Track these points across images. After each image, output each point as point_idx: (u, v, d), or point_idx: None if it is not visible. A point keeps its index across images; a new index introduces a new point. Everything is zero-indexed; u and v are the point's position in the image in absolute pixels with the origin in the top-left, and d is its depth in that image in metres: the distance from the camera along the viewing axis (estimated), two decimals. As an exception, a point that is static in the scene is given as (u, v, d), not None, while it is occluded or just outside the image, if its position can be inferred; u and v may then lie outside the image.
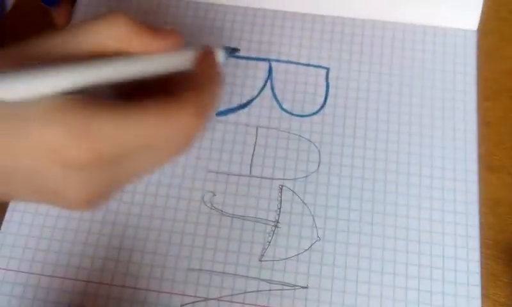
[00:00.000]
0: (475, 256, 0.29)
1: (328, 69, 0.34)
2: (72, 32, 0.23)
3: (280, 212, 0.30)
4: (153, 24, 0.24)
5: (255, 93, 0.33)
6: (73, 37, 0.23)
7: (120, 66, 0.24)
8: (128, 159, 0.24)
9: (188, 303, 0.28)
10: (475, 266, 0.29)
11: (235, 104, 0.33)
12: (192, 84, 0.24)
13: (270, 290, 0.28)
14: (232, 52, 0.28)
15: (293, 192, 0.31)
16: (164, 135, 0.23)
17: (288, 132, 0.32)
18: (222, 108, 0.33)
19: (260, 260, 0.29)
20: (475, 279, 0.29)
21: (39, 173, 0.22)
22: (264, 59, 0.34)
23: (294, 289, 0.28)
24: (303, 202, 0.30)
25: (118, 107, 0.22)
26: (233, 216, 0.30)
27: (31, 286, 0.29)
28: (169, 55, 0.25)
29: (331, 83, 0.34)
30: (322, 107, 0.33)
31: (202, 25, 0.36)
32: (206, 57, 0.26)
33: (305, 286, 0.29)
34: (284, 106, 0.33)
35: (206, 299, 0.28)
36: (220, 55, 0.27)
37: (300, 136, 0.32)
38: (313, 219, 0.30)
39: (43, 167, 0.22)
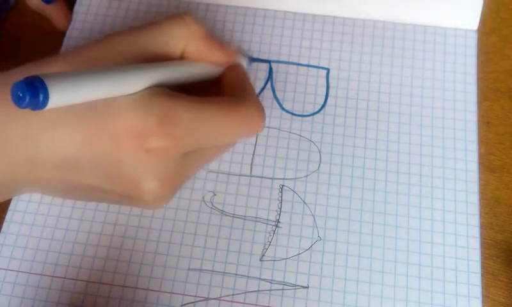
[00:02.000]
0: (475, 255, 0.29)
1: (328, 69, 0.34)
2: (146, 32, 0.25)
3: (280, 211, 0.30)
4: (218, 37, 0.28)
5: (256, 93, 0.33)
6: (147, 36, 0.25)
7: (186, 69, 0.26)
8: (197, 151, 0.26)
9: (189, 303, 0.28)
10: (475, 265, 0.29)
11: (235, 104, 0.33)
12: (245, 87, 0.27)
13: (271, 290, 0.29)
14: (252, 61, 0.33)
15: (294, 191, 0.31)
16: (232, 128, 0.25)
17: (289, 132, 0.32)
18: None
19: (261, 260, 0.29)
20: (476, 278, 0.29)
21: (118, 161, 0.23)
22: (264, 60, 0.34)
23: (295, 289, 0.29)
24: (304, 202, 0.31)
25: (196, 100, 0.24)
26: (233, 216, 0.30)
27: (31, 287, 0.29)
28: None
29: (332, 83, 0.34)
30: (323, 107, 0.33)
31: (202, 25, 0.36)
32: (239, 67, 0.29)
33: (306, 285, 0.29)
34: (285, 106, 0.33)
35: (207, 299, 0.28)
36: (244, 63, 0.30)
37: (301, 136, 0.32)
38: (314, 219, 0.30)
39: (126, 153, 0.23)
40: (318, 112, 0.33)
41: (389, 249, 0.29)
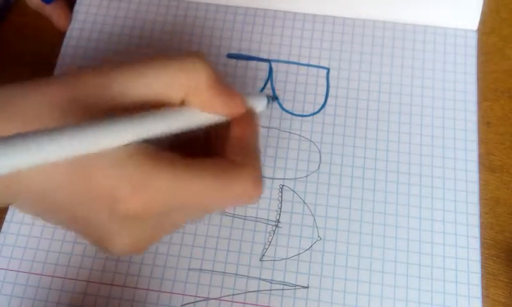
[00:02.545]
0: (475, 255, 0.29)
1: (328, 69, 0.34)
2: (149, 70, 0.23)
3: (280, 211, 0.30)
4: (225, 85, 0.24)
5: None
6: (149, 77, 0.23)
7: (183, 120, 0.23)
8: (176, 212, 0.24)
9: (189, 303, 0.28)
10: (475, 265, 0.29)
11: (235, 104, 0.33)
12: (246, 148, 0.24)
13: (271, 290, 0.28)
14: (273, 100, 0.30)
15: (294, 191, 0.31)
16: (218, 199, 0.23)
17: (289, 132, 0.32)
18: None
19: (261, 260, 0.29)
20: (476, 278, 0.29)
21: (91, 219, 0.22)
22: (264, 60, 0.34)
23: (295, 289, 0.29)
24: (304, 202, 0.31)
25: (177, 163, 0.22)
26: (234, 216, 0.30)
27: (31, 287, 0.29)
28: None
29: (332, 83, 0.34)
30: (323, 107, 0.33)
31: (202, 25, 0.36)
32: (250, 116, 0.26)
33: (306, 285, 0.29)
34: (285, 106, 0.33)
35: (207, 299, 0.28)
36: (263, 103, 0.27)
37: (301, 136, 0.32)
38: (314, 219, 0.30)
39: (97, 212, 0.22)
40: (318, 112, 0.33)
41: (389, 249, 0.29)
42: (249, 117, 0.26)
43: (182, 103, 0.24)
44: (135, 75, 0.23)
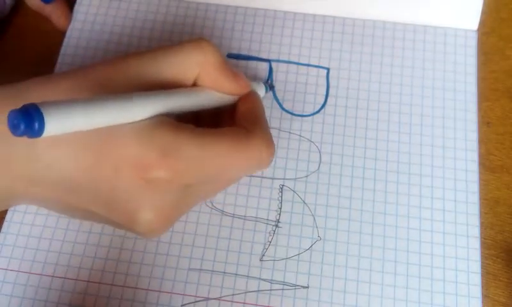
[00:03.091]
0: (475, 255, 0.29)
1: (328, 69, 0.34)
2: (160, 56, 0.24)
3: (280, 211, 0.30)
4: (231, 67, 0.27)
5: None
6: (161, 62, 0.24)
7: (197, 98, 0.25)
8: (200, 184, 0.25)
9: (189, 303, 0.28)
10: (475, 265, 0.29)
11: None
12: (256, 119, 0.26)
13: (271, 290, 0.29)
14: (270, 88, 0.32)
15: (294, 191, 0.31)
16: (238, 163, 0.24)
17: (289, 132, 0.32)
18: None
19: (261, 260, 0.29)
20: (476, 278, 0.29)
21: (116, 189, 0.23)
22: (264, 60, 0.34)
23: (295, 289, 0.29)
24: (304, 202, 0.31)
25: (201, 133, 0.23)
26: (233, 216, 0.30)
27: (31, 287, 0.29)
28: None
29: (332, 83, 0.34)
30: (323, 107, 0.33)
31: (202, 25, 0.36)
32: (255, 95, 0.28)
33: (306, 285, 0.29)
34: (285, 106, 0.33)
35: (207, 299, 0.28)
36: (262, 91, 0.30)
37: (301, 136, 0.32)
38: (314, 219, 0.30)
39: (124, 183, 0.23)
40: (318, 112, 0.33)
41: (389, 249, 0.29)
42: (254, 94, 0.28)
43: (194, 85, 0.25)
44: (150, 59, 0.24)
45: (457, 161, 0.31)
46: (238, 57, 0.35)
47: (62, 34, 0.36)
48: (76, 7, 0.36)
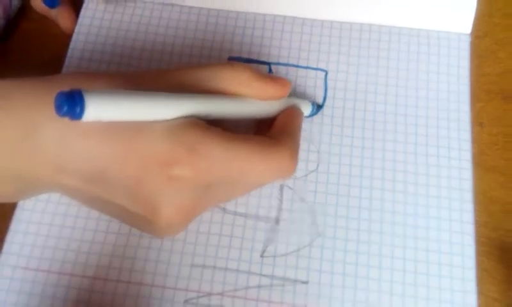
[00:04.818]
0: (470, 251, 0.30)
1: (326, 71, 0.35)
2: (200, 72, 0.26)
3: (280, 209, 0.31)
4: (268, 74, 0.28)
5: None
6: (201, 76, 0.25)
7: (236, 104, 0.26)
8: (220, 186, 0.25)
9: (192, 298, 0.29)
10: (470, 261, 0.30)
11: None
12: (287, 130, 0.27)
13: (271, 285, 0.29)
14: (318, 108, 0.33)
15: (293, 190, 0.31)
16: (263, 169, 0.25)
17: (289, 133, 0.33)
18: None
19: (262, 256, 0.30)
20: (471, 274, 0.29)
21: (142, 182, 0.23)
22: (264, 62, 0.35)
23: (295, 284, 0.29)
24: (303, 200, 0.31)
25: (227, 136, 0.24)
26: (235, 214, 0.31)
27: (39, 283, 0.29)
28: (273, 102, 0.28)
29: (330, 85, 0.35)
30: (321, 108, 0.34)
31: (204, 30, 0.36)
32: (295, 110, 0.29)
33: (305, 281, 0.29)
34: (284, 107, 0.34)
35: (209, 294, 0.29)
36: (307, 108, 0.31)
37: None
38: (313, 216, 0.31)
39: (149, 176, 0.23)
40: (316, 113, 0.34)
41: (386, 245, 0.30)
42: (294, 110, 0.29)
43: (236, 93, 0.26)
44: (190, 71, 0.25)
45: (451, 160, 0.32)
46: (239, 60, 0.35)
47: (68, 37, 0.36)
48: (82, 11, 0.37)
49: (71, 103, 0.20)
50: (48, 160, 0.24)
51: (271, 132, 0.27)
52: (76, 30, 0.36)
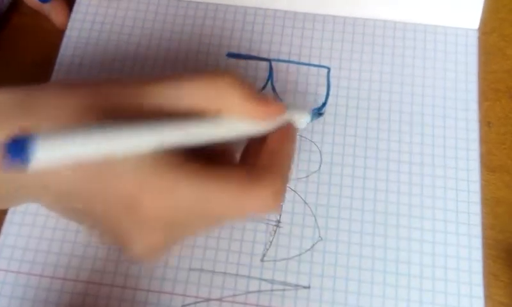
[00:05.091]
0: (477, 255, 0.29)
1: (329, 69, 0.34)
2: (176, 84, 0.23)
3: (281, 211, 0.30)
4: (260, 93, 0.24)
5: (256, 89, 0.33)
6: (176, 90, 0.23)
7: (213, 129, 0.23)
8: (194, 221, 0.24)
9: (190, 304, 0.28)
10: (477, 265, 0.29)
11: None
12: (276, 161, 0.24)
13: (272, 290, 0.28)
14: (318, 115, 0.31)
15: (294, 192, 0.31)
16: (238, 209, 0.23)
17: (290, 132, 0.32)
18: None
19: (262, 260, 0.29)
20: (478, 278, 0.29)
21: (110, 221, 0.23)
22: (264, 59, 0.34)
23: (296, 289, 0.29)
24: (305, 202, 0.31)
25: (201, 174, 0.22)
26: (234, 216, 0.30)
27: (31, 288, 0.28)
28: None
29: (333, 83, 0.34)
30: (324, 106, 0.33)
31: (202, 24, 0.36)
32: (290, 131, 0.25)
33: (307, 286, 0.29)
34: (285, 106, 0.33)
35: (207, 300, 0.28)
36: (306, 119, 0.27)
37: (301, 136, 0.32)
38: (315, 219, 0.30)
39: (117, 217, 0.22)
40: (316, 119, 0.33)
41: (391, 249, 0.29)
42: (288, 132, 0.25)
43: (217, 113, 0.23)
44: (170, 85, 0.23)
45: (459, 160, 0.31)
46: (238, 56, 0.35)
47: (61, 33, 0.35)
48: (75, 6, 0.36)
49: (15, 152, 0.18)
50: (31, 182, 0.22)
51: (260, 159, 0.24)
52: (69, 25, 0.36)
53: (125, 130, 0.21)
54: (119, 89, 0.23)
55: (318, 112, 0.32)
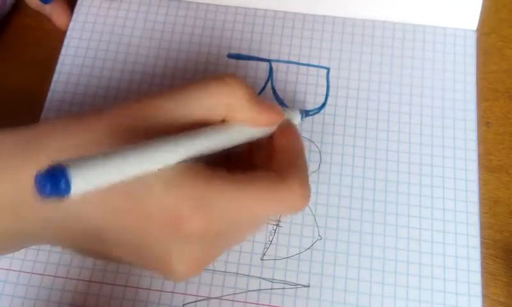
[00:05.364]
0: (475, 254, 0.29)
1: (328, 69, 0.34)
2: (186, 95, 0.23)
3: (281, 211, 0.30)
4: (261, 98, 0.25)
5: (256, 93, 0.33)
6: (188, 100, 0.23)
7: (227, 136, 0.24)
8: (230, 230, 0.24)
9: (190, 302, 0.28)
10: (475, 264, 0.29)
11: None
12: (293, 160, 0.25)
13: (272, 289, 0.29)
14: (306, 114, 0.31)
15: (294, 191, 0.31)
16: (270, 212, 0.24)
17: (290, 132, 0.32)
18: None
19: (262, 259, 0.29)
20: (476, 277, 0.29)
21: (149, 242, 0.22)
22: (264, 60, 0.34)
23: (296, 288, 0.29)
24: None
25: (232, 180, 0.22)
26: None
27: (33, 287, 0.29)
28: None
29: (332, 83, 0.34)
30: (323, 106, 0.33)
31: (203, 25, 0.36)
32: (293, 130, 0.27)
33: (307, 284, 0.29)
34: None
35: (208, 298, 0.28)
36: (298, 118, 0.29)
37: (301, 136, 0.32)
38: (315, 218, 0.30)
39: (157, 235, 0.22)
40: (318, 112, 0.33)
41: (389, 248, 0.29)
42: (290, 128, 0.27)
43: (223, 121, 0.24)
44: (178, 102, 0.23)
45: (457, 160, 0.31)
46: (238, 57, 0.35)
47: (63, 34, 0.35)
48: (77, 7, 0.36)
49: (54, 182, 0.18)
50: (47, 222, 0.22)
51: (276, 163, 0.25)
52: (70, 26, 0.36)
53: (148, 148, 0.21)
54: (133, 110, 0.23)
55: (306, 112, 0.32)
